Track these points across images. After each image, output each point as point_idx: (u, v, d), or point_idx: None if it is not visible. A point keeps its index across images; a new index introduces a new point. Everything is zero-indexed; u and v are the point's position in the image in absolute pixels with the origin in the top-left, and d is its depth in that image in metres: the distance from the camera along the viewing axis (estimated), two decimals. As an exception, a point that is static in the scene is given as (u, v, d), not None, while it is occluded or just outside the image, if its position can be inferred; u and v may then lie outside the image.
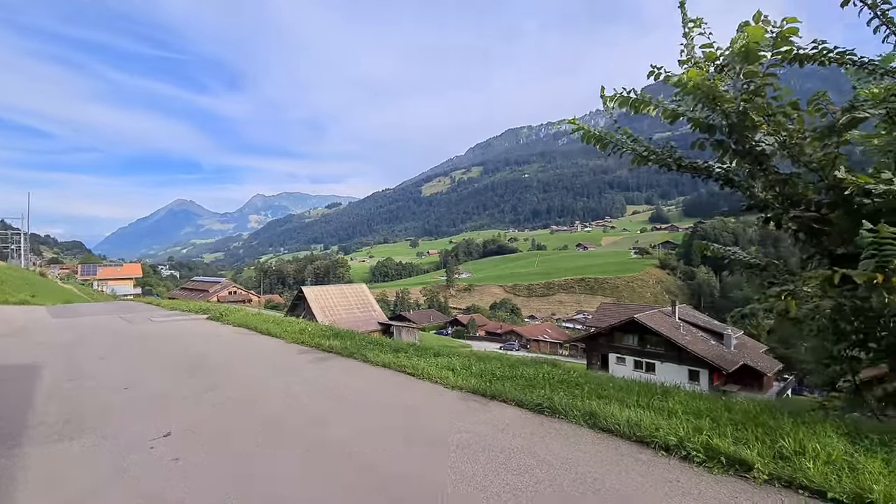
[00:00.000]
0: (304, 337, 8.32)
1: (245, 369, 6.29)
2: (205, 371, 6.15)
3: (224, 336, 9.21)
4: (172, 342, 8.54)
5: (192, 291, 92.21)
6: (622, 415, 3.87)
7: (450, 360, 6.12)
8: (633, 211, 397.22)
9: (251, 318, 11.02)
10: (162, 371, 6.22)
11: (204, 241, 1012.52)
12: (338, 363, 6.56)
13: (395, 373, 5.88)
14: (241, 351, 7.72)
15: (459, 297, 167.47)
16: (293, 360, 6.84)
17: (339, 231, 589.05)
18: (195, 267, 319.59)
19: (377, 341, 7.67)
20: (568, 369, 5.66)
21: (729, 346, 39.13)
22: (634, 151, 4.23)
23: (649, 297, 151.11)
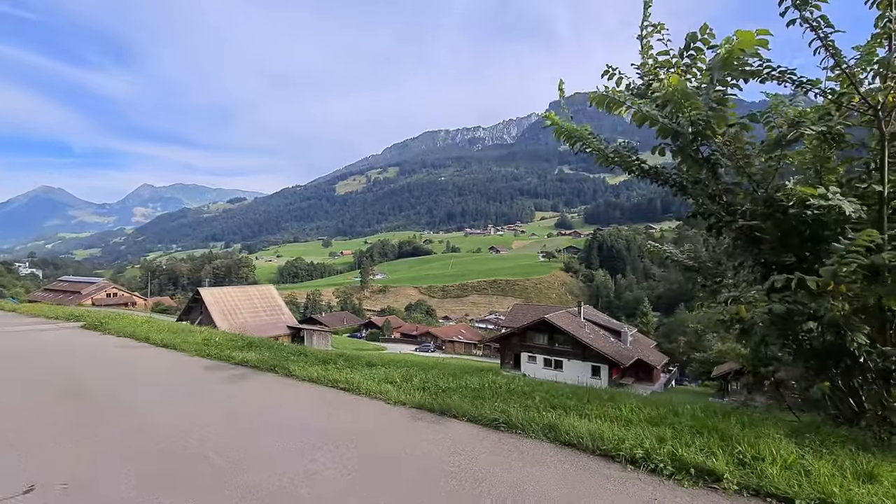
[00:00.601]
0: (211, 349, 7.20)
1: (136, 394, 5.09)
2: (82, 399, 4.90)
3: (105, 350, 7.65)
4: (35, 359, 6.85)
5: (60, 293, 79.44)
6: (582, 427, 3.70)
7: (388, 372, 5.60)
8: (541, 217, 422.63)
9: (140, 325, 9.42)
10: (21, 401, 4.84)
11: (75, 235, 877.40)
12: (256, 380, 5.67)
13: (326, 389, 5.20)
14: (131, 369, 6.37)
15: (374, 299, 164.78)
16: (200, 380, 5.78)
17: (242, 228, 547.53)
18: (63, 265, 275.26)
19: (300, 351, 6.88)
20: (512, 377, 5.45)
21: (625, 342, 42.95)
22: (600, 151, 4.14)
23: (555, 297, 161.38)
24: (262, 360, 6.28)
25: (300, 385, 5.38)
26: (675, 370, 49.57)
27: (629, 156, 4.14)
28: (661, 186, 4.35)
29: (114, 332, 9.04)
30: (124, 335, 8.76)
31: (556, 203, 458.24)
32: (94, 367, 6.38)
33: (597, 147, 4.05)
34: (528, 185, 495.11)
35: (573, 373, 41.37)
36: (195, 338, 8.06)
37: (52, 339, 8.60)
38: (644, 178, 4.32)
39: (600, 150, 4.06)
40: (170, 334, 8.38)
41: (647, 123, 3.77)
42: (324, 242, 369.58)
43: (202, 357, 6.91)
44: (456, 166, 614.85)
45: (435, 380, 5.22)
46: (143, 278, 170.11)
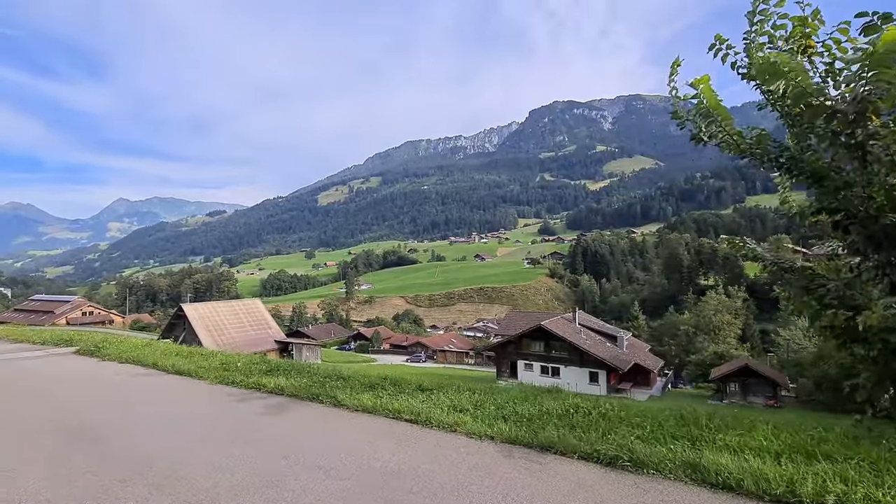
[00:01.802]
0: (234, 375, 6.39)
1: (164, 437, 4.25)
2: (98, 446, 4.08)
3: (111, 380, 6.74)
4: (29, 395, 5.93)
5: (32, 313, 76.09)
6: (730, 463, 3.10)
7: (453, 397, 4.93)
8: (524, 224, 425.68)
9: (142, 349, 8.51)
10: (23, 450, 4.00)
11: (46, 253, 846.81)
12: (302, 412, 4.90)
13: (390, 421, 4.49)
14: (148, 404, 5.48)
15: (360, 310, 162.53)
16: (236, 415, 4.95)
17: (223, 241, 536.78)
18: (34, 283, 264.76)
19: (337, 374, 6.14)
20: (596, 399, 4.82)
21: (622, 347, 42.77)
22: (736, 139, 3.58)
23: (541, 304, 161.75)
24: (300, 388, 5.53)
25: (357, 418, 4.64)
26: (670, 373, 49.58)
27: (772, 145, 3.59)
28: (793, 178, 3.81)
29: (114, 358, 8.10)
30: (128, 361, 7.83)
31: (539, 210, 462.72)
32: (102, 403, 5.48)
33: (733, 133, 3.50)
34: (511, 193, 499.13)
35: (571, 379, 40.96)
36: (210, 362, 7.23)
37: (46, 369, 7.61)
38: (778, 168, 3.77)
39: (738, 136, 3.50)
40: (180, 359, 7.52)
41: (793, 103, 3.23)
42: (307, 254, 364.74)
43: (226, 385, 6.09)
44: (438, 175, 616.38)
45: (511, 405, 4.58)
46: (119, 295, 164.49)
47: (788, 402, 34.40)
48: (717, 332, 53.33)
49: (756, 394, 34.91)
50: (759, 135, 3.53)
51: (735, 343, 50.05)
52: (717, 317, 53.90)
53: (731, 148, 3.62)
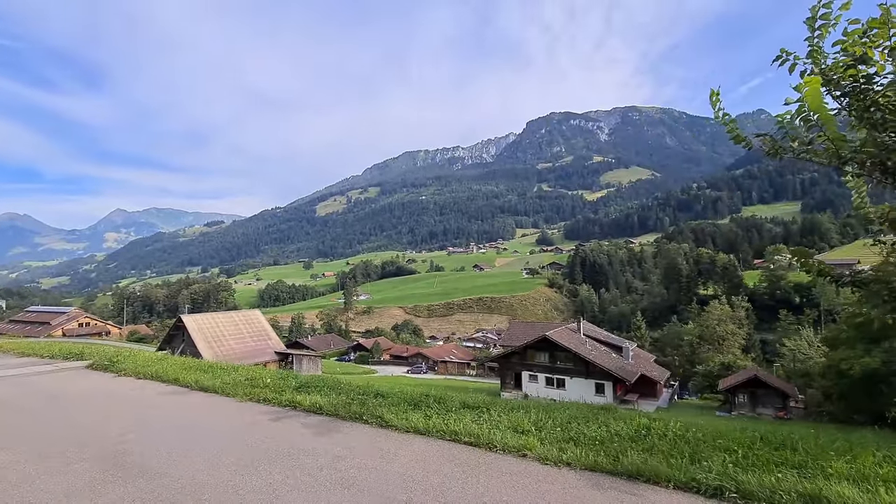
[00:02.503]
0: (264, 391, 6.03)
1: (208, 462, 3.88)
2: (141, 474, 3.71)
3: (135, 399, 6.36)
4: (54, 417, 5.55)
5: (28, 325, 75.49)
6: (862, 497, 2.79)
7: (511, 417, 4.60)
8: (522, 234, 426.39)
9: (158, 363, 8.14)
10: (63, 482, 3.60)
11: (42, 264, 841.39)
12: (347, 434, 4.53)
13: (448, 444, 4.15)
14: (176, 426, 5.09)
15: (359, 321, 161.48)
16: (278, 438, 4.55)
17: (220, 252, 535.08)
18: (29, 294, 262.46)
19: (374, 391, 5.80)
20: (666, 421, 4.50)
21: (627, 357, 42.28)
22: (832, 148, 3.32)
23: (540, 314, 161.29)
24: (339, 406, 5.18)
25: (410, 441, 4.29)
26: (675, 385, 49.06)
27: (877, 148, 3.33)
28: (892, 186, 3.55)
29: (131, 373, 7.72)
30: (147, 377, 7.44)
31: (536, 220, 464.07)
32: (133, 424, 5.08)
33: (835, 138, 3.23)
34: (509, 203, 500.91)
35: (576, 391, 40.53)
36: (234, 377, 6.87)
37: (62, 386, 7.21)
38: (883, 173, 3.51)
39: (839, 140, 3.24)
40: (201, 374, 7.16)
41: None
42: (305, 264, 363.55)
43: (257, 402, 5.73)
44: (437, 185, 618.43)
45: (576, 426, 4.26)
46: (115, 306, 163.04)
47: (797, 413, 33.95)
48: (721, 343, 52.97)
49: (765, 405, 34.48)
50: (865, 138, 3.28)
51: (739, 353, 49.69)
52: (721, 327, 53.59)
53: (828, 156, 3.37)
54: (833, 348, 31.15)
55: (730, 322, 54.67)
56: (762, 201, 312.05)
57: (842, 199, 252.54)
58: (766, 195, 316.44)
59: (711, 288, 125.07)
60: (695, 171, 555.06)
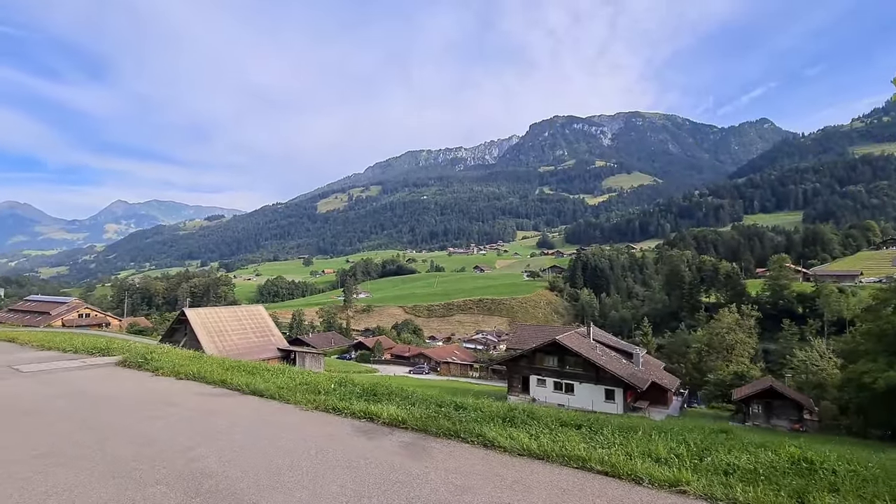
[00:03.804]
0: (327, 397, 5.46)
1: (309, 499, 3.23)
2: (230, 500, 3.14)
3: (179, 401, 5.74)
4: (96, 421, 4.95)
5: (27, 314, 74.64)
6: None
7: (634, 439, 4.03)
8: (523, 236, 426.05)
9: (194, 362, 7.56)
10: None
11: (41, 253, 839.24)
12: (453, 457, 3.89)
13: (575, 473, 3.56)
14: (246, 439, 4.50)
15: (358, 319, 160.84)
16: (370, 457, 3.96)
17: (220, 246, 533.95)
18: (28, 283, 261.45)
19: (455, 403, 5.23)
20: (804, 446, 3.94)
21: (638, 364, 41.73)
22: None
23: (541, 317, 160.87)
24: (421, 419, 4.61)
25: (531, 467, 3.67)
26: (686, 393, 48.50)
27: None
28: None
29: (169, 373, 7.12)
30: (188, 377, 6.85)
31: (537, 223, 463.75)
32: (197, 435, 4.44)
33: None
34: (510, 205, 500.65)
35: (586, 397, 40.07)
36: (285, 380, 6.30)
37: (99, 386, 6.59)
38: None
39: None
40: (247, 375, 6.59)
41: None
42: (305, 261, 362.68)
43: (325, 412, 5.15)
44: (438, 186, 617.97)
45: (716, 453, 3.68)
46: (115, 297, 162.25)
47: (812, 426, 33.46)
48: (730, 352, 52.45)
49: (780, 416, 33.98)
50: None
51: (748, 363, 49.20)
52: (730, 335, 53.07)
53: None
54: (851, 361, 30.65)
55: (739, 330, 54.15)
56: (764, 210, 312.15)
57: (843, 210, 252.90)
58: (767, 204, 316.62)
59: (714, 295, 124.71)
60: (697, 178, 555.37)
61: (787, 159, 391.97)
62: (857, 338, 33.43)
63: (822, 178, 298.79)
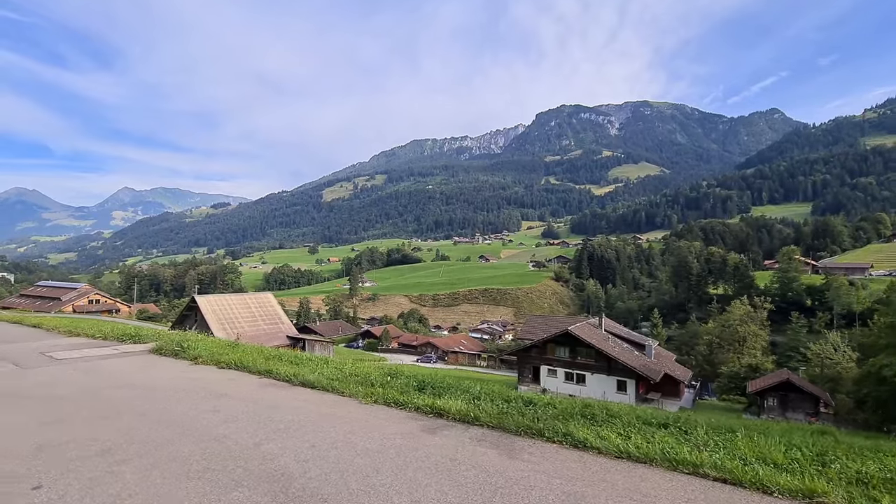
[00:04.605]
0: (386, 390, 5.17)
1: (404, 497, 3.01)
2: None
3: (229, 393, 5.45)
4: (152, 413, 4.68)
5: (38, 299, 75.14)
6: None
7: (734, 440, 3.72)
8: (528, 226, 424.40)
9: (233, 350, 7.32)
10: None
11: (50, 239, 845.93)
12: (548, 460, 3.56)
13: (689, 480, 3.25)
14: (315, 435, 4.18)
15: (364, 307, 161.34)
16: (460, 461, 3.62)
17: (226, 233, 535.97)
18: (37, 269, 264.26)
19: (519, 397, 4.94)
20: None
21: (650, 355, 41.48)
22: None
23: (546, 307, 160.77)
24: (495, 416, 4.31)
25: (638, 472, 3.32)
26: (697, 385, 48.25)
27: None
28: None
29: (209, 361, 6.87)
30: (229, 366, 6.59)
31: (543, 213, 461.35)
32: (254, 430, 4.17)
33: None
34: (515, 195, 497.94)
35: (597, 388, 39.89)
36: (331, 371, 6.03)
37: (138, 374, 6.34)
38: None
39: None
40: (290, 365, 6.32)
41: None
42: (310, 249, 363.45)
43: (387, 405, 4.85)
44: (443, 175, 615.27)
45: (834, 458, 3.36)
46: (123, 284, 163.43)
47: (827, 420, 33.13)
48: (742, 344, 52.06)
49: (796, 409, 33.67)
50: None
51: (760, 356, 48.80)
52: (742, 327, 52.63)
53: None
54: (870, 354, 30.23)
55: (751, 323, 53.67)
56: (772, 202, 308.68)
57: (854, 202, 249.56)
58: (776, 195, 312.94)
59: (721, 287, 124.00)
60: (704, 168, 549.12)
61: (798, 150, 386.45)
62: (876, 331, 32.99)
63: (833, 170, 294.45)
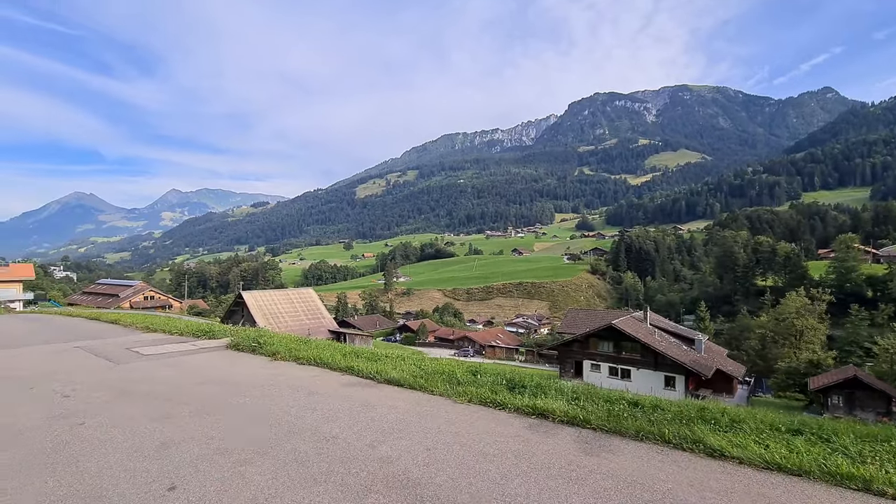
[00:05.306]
0: (477, 389, 5.00)
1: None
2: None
3: (319, 390, 5.42)
4: (252, 410, 4.67)
5: (99, 296, 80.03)
6: None
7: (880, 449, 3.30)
8: (562, 218, 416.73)
9: (306, 346, 7.36)
10: None
11: (106, 240, 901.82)
12: (681, 471, 3.35)
13: (852, 497, 2.89)
14: (428, 437, 4.03)
15: (399, 302, 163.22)
16: (588, 469, 3.37)
17: (266, 231, 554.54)
18: (96, 268, 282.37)
19: (620, 397, 4.65)
20: None
21: (700, 350, 39.85)
22: None
23: (583, 300, 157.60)
24: (610, 419, 4.04)
25: (805, 489, 2.90)
26: (752, 381, 46.04)
27: None
28: None
29: (288, 357, 6.93)
30: (307, 362, 6.62)
31: (577, 204, 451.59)
32: (361, 430, 4.07)
33: None
34: (548, 187, 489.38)
35: (643, 383, 38.68)
36: (411, 367, 5.93)
37: (225, 370, 6.46)
38: None
39: None
40: (371, 362, 6.26)
41: None
42: (345, 245, 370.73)
43: (482, 405, 4.66)
44: (475, 168, 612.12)
45: None
46: (173, 281, 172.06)
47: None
48: (798, 338, 49.15)
49: (865, 408, 31.50)
50: None
51: (819, 351, 45.88)
52: (799, 321, 49.63)
53: None
54: None
55: (809, 316, 50.54)
56: (825, 187, 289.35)
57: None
58: (829, 180, 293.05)
59: (771, 279, 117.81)
60: (750, 154, 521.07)
61: (854, 131, 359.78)
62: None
63: (895, 151, 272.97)
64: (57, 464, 3.35)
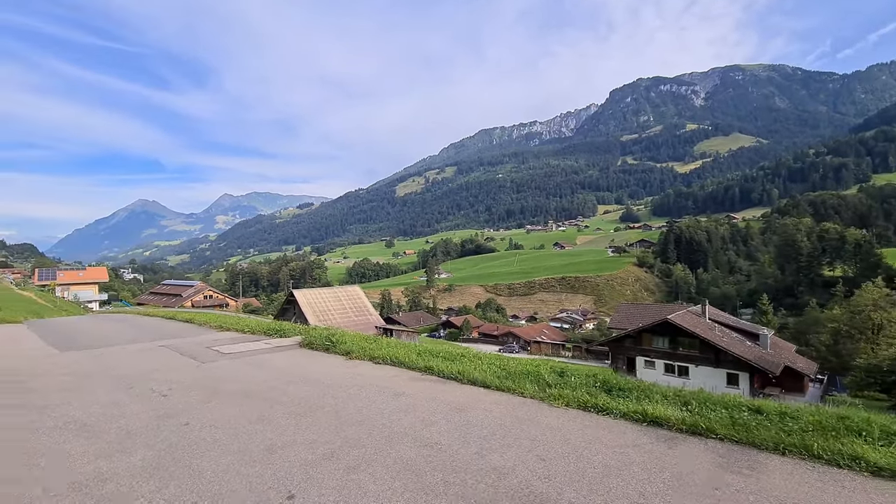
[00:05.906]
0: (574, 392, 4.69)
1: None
2: None
3: (399, 391, 5.39)
4: (347, 412, 4.59)
5: (164, 296, 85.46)
6: None
7: None
8: (605, 210, 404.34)
9: (378, 345, 7.31)
10: None
11: (168, 243, 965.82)
12: (848, 496, 2.85)
13: None
14: (536, 446, 3.76)
15: (440, 298, 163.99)
16: (728, 485, 3.03)
17: (311, 231, 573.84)
18: (160, 270, 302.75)
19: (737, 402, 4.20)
20: None
21: (765, 346, 37.36)
22: None
23: (629, 294, 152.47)
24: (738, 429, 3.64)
25: None
26: (825, 379, 42.76)
27: None
28: None
29: (363, 356, 6.89)
30: (383, 361, 6.56)
31: (620, 195, 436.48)
32: (460, 435, 3.85)
33: None
34: (589, 179, 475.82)
35: (703, 381, 36.60)
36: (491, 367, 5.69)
37: (304, 368, 6.51)
38: None
39: None
40: (449, 362, 6.09)
41: None
42: (387, 243, 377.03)
43: (583, 410, 4.35)
44: (513, 162, 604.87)
45: None
46: (228, 281, 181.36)
47: None
48: (877, 332, 45.07)
49: (964, 411, 28.40)
50: None
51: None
52: (877, 314, 45.49)
53: None
54: None
55: (890, 308, 46.17)
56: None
57: None
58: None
59: (839, 268, 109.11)
60: (811, 135, 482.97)
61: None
62: None
63: None
64: (174, 467, 3.39)
